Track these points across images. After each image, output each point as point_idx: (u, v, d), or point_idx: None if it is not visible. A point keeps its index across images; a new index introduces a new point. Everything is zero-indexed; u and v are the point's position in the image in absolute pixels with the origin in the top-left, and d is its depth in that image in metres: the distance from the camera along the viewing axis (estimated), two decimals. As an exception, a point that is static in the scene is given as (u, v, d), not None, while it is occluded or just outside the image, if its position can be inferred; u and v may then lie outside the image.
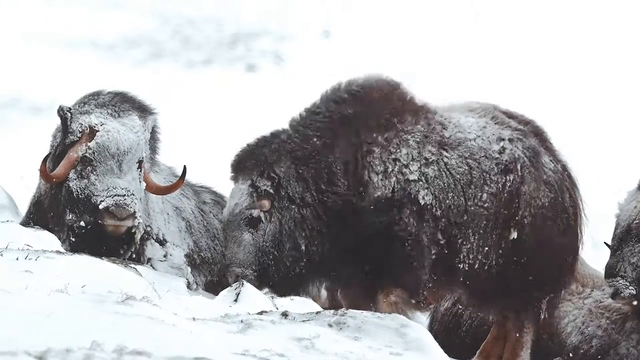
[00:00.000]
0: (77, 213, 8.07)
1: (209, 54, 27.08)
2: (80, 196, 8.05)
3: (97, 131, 8.14)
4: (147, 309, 5.62)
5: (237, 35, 27.74)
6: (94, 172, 8.04)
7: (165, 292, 6.75)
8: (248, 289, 7.28)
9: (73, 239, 8.07)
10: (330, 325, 6.25)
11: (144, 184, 8.27)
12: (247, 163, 8.65)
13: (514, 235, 8.83)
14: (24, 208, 8.82)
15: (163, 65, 26.42)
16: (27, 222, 8.40)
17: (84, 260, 6.56)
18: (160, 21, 27.98)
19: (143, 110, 8.52)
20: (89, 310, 5.44)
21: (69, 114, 8.23)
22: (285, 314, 6.34)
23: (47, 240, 7.50)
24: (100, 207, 7.94)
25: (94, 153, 8.07)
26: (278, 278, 8.49)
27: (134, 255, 8.30)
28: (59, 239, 7.89)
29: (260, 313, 6.44)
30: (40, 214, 8.43)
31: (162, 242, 8.69)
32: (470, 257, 8.76)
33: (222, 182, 9.42)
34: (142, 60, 26.56)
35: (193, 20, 28.14)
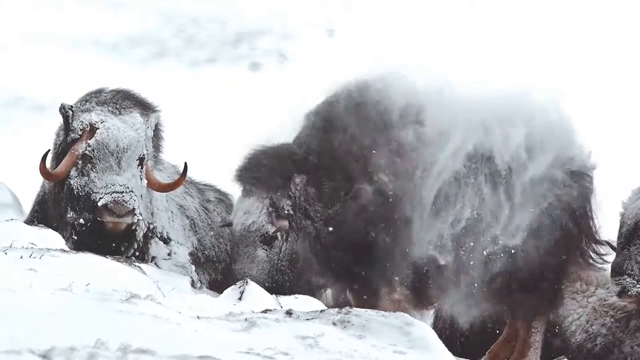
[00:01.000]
0: (78, 211, 8.08)
1: (213, 53, 27.08)
2: (80, 194, 8.06)
3: (98, 129, 8.15)
4: (151, 308, 5.62)
5: (241, 34, 27.73)
6: (94, 170, 8.05)
7: (169, 290, 6.75)
8: (252, 287, 7.28)
9: (75, 237, 8.07)
10: (334, 324, 6.25)
11: (145, 181, 8.26)
12: (264, 178, 8.67)
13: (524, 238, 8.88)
14: (28, 206, 8.82)
15: (166, 64, 26.43)
16: (31, 221, 8.40)
17: (88, 259, 6.56)
18: (164, 20, 27.98)
19: (145, 108, 8.52)
20: (93, 308, 5.44)
21: (70, 112, 8.25)
22: (289, 313, 6.33)
23: (51, 238, 7.50)
24: (99, 204, 7.95)
25: (93, 150, 8.08)
26: (288, 292, 8.54)
27: (137, 253, 8.30)
28: (63, 237, 7.89)
29: (265, 311, 6.44)
30: (44, 212, 8.44)
31: (166, 241, 8.70)
32: (478, 259, 8.78)
33: (226, 180, 9.43)
34: (145, 59, 26.57)
35: (196, 19, 28.14)
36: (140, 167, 8.17)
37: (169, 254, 8.65)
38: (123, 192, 7.96)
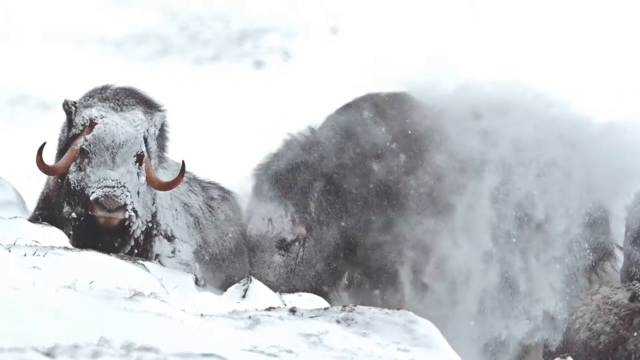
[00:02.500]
0: (73, 205, 8.09)
1: (217, 51, 27.06)
2: (76, 188, 8.07)
3: (96, 124, 8.16)
4: (155, 305, 5.62)
5: (245, 32, 27.71)
6: (90, 164, 8.05)
7: (173, 288, 6.75)
8: (256, 285, 7.28)
9: (71, 232, 8.07)
10: (338, 322, 6.25)
11: (143, 178, 8.22)
12: (286, 186, 8.75)
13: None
14: (31, 204, 8.82)
15: (171, 62, 26.41)
16: (35, 218, 8.40)
17: (92, 257, 6.56)
18: (168, 17, 27.97)
19: (150, 106, 8.51)
20: (97, 306, 5.44)
21: (73, 108, 8.28)
22: (293, 310, 6.33)
23: (55, 236, 7.50)
24: (91, 198, 7.95)
25: (90, 145, 8.09)
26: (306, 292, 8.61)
27: (136, 251, 8.28)
28: (65, 233, 7.90)
29: (268, 309, 6.44)
30: (49, 210, 8.44)
31: (170, 238, 8.69)
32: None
33: (230, 178, 9.43)
34: (150, 57, 26.56)
35: (201, 17, 28.13)
36: (138, 164, 8.15)
37: (172, 252, 8.65)
38: (114, 186, 7.94)
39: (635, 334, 9.31)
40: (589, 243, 9.11)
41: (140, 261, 7.64)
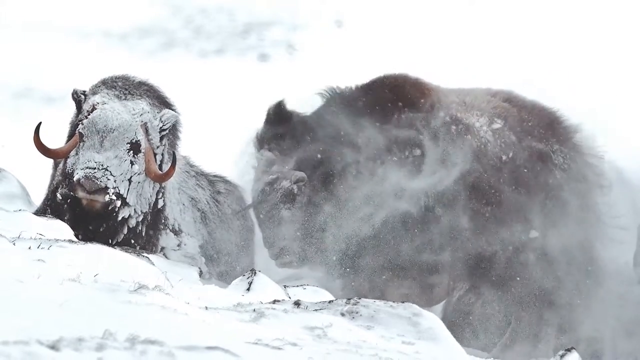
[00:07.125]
0: (63, 187, 8.13)
1: (221, 44, 27.06)
2: (69, 171, 8.12)
3: (96, 109, 8.20)
4: (159, 298, 5.62)
5: (250, 25, 27.70)
6: (82, 147, 8.09)
7: (177, 281, 6.76)
8: (260, 278, 7.29)
9: (66, 218, 8.08)
10: (342, 315, 6.25)
11: (138, 167, 8.18)
12: (298, 142, 8.82)
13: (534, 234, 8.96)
14: (36, 197, 8.83)
15: (175, 55, 26.42)
16: (44, 209, 8.42)
17: (96, 249, 6.56)
18: (173, 11, 27.97)
19: (160, 101, 8.53)
20: (101, 299, 5.44)
21: (82, 97, 8.32)
22: (297, 303, 6.33)
23: (60, 229, 7.51)
24: (74, 179, 7.99)
25: (84, 128, 8.13)
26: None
27: (133, 241, 8.28)
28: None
29: (273, 302, 6.44)
30: (56, 201, 8.45)
31: (177, 232, 8.70)
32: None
33: (235, 172, 9.43)
34: (154, 50, 26.56)
35: (205, 10, 28.12)
36: (131, 152, 8.12)
37: (178, 245, 8.65)
38: (95, 168, 7.95)
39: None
40: None
41: (145, 254, 7.64)
